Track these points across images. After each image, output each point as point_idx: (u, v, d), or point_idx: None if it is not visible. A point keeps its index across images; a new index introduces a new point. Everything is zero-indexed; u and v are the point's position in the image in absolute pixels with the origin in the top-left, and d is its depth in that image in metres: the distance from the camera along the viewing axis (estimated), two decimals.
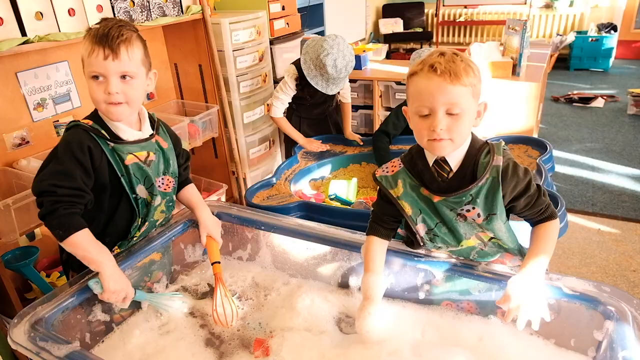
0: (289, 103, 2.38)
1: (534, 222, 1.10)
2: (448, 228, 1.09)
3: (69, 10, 1.75)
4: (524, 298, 0.98)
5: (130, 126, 1.23)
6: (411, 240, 1.17)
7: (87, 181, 1.15)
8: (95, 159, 1.16)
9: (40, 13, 1.67)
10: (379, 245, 1.17)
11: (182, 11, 2.25)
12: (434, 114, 0.98)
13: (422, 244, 1.14)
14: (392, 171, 1.14)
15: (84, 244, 1.12)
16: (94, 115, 1.21)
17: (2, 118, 1.85)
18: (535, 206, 1.06)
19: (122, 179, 1.20)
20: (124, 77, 1.14)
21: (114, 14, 1.92)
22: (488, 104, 1.04)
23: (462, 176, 1.04)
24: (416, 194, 1.09)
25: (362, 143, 2.33)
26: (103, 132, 1.17)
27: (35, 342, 1.00)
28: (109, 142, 1.18)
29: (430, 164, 1.07)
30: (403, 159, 1.14)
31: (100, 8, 1.85)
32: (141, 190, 1.24)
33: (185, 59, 2.57)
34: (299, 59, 2.31)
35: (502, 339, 1.09)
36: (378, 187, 1.18)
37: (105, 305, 1.22)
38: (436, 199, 1.06)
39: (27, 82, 1.89)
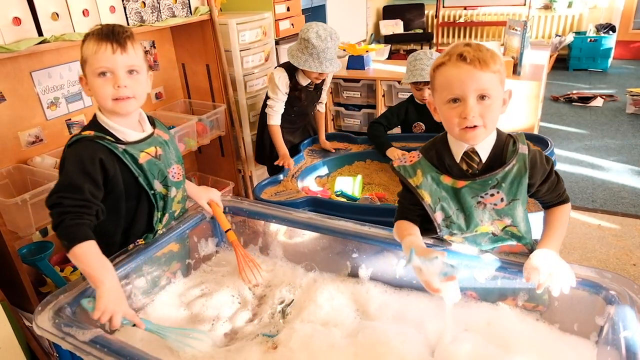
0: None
1: (550, 205, 1.15)
2: (465, 215, 1.12)
3: (83, 11, 1.80)
4: (552, 267, 1.03)
5: (133, 129, 1.25)
6: (427, 228, 1.20)
7: (96, 193, 1.15)
8: (109, 169, 1.17)
9: (56, 14, 1.71)
10: (409, 224, 1.18)
11: (190, 12, 2.30)
12: (464, 101, 1.01)
13: (438, 230, 1.16)
14: (411, 161, 1.16)
15: (86, 257, 1.09)
16: (94, 125, 1.21)
17: (17, 116, 1.89)
18: (556, 190, 1.12)
19: (140, 179, 1.22)
20: (130, 72, 1.17)
21: (126, 15, 1.96)
22: (512, 91, 1.09)
23: (491, 166, 1.08)
24: (436, 183, 1.12)
25: (333, 151, 2.31)
26: (109, 137, 1.18)
27: (60, 327, 1.04)
28: (119, 146, 1.19)
29: (458, 157, 1.09)
30: (422, 150, 1.17)
31: (113, 9, 1.90)
32: (158, 185, 1.27)
33: (192, 59, 2.61)
34: (279, 65, 2.28)
35: (509, 325, 1.13)
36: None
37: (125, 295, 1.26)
38: (461, 184, 1.09)
39: (41, 82, 1.94)
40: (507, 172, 1.07)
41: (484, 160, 1.08)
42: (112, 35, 1.14)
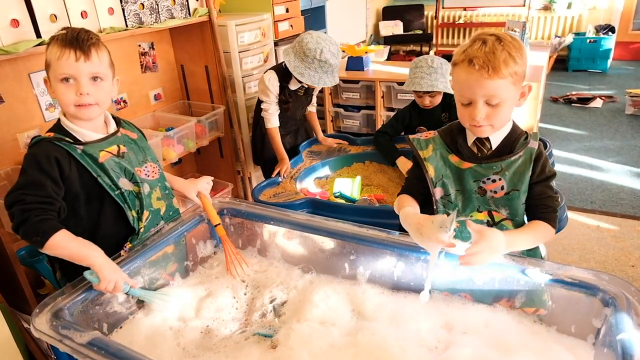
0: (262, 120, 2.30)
1: (533, 217, 1.15)
2: (464, 198, 1.16)
3: (81, 13, 1.80)
4: (491, 247, 1.00)
5: (96, 131, 1.24)
6: (427, 211, 1.20)
7: (57, 190, 1.15)
8: (64, 169, 1.16)
9: (55, 15, 1.71)
10: (410, 199, 1.23)
11: (189, 13, 2.30)
12: (473, 104, 1.07)
13: (435, 207, 1.19)
14: (426, 137, 1.24)
15: (65, 243, 1.11)
16: (56, 127, 1.23)
17: (16, 118, 1.89)
18: (545, 200, 1.13)
19: (100, 179, 1.21)
20: (94, 79, 1.17)
21: (125, 17, 1.97)
22: (532, 85, 1.13)
23: (499, 153, 1.13)
24: (443, 160, 1.19)
25: (334, 145, 2.37)
26: (68, 139, 1.18)
27: (57, 330, 1.04)
28: (77, 147, 1.18)
29: (471, 141, 1.16)
30: (439, 130, 1.24)
31: (111, 11, 1.90)
32: (125, 183, 1.26)
33: (191, 60, 2.62)
34: (271, 68, 2.24)
35: (506, 327, 1.13)
36: (413, 156, 1.26)
37: (122, 295, 1.26)
38: (466, 165, 1.15)
39: (40, 83, 1.94)
40: (513, 162, 1.12)
41: (494, 147, 1.14)
42: (76, 42, 1.13)
